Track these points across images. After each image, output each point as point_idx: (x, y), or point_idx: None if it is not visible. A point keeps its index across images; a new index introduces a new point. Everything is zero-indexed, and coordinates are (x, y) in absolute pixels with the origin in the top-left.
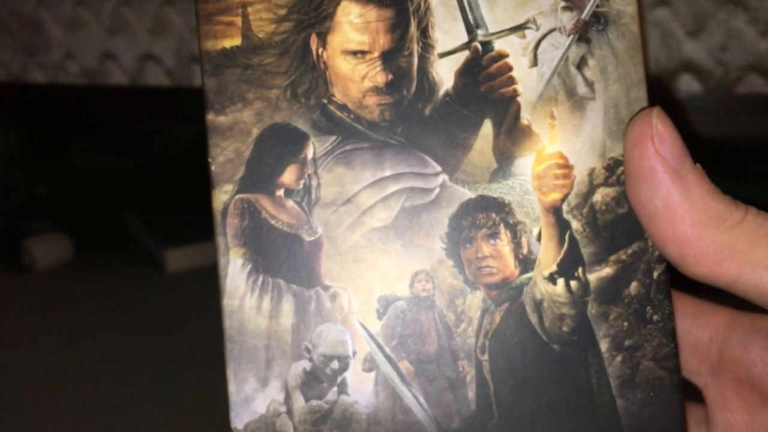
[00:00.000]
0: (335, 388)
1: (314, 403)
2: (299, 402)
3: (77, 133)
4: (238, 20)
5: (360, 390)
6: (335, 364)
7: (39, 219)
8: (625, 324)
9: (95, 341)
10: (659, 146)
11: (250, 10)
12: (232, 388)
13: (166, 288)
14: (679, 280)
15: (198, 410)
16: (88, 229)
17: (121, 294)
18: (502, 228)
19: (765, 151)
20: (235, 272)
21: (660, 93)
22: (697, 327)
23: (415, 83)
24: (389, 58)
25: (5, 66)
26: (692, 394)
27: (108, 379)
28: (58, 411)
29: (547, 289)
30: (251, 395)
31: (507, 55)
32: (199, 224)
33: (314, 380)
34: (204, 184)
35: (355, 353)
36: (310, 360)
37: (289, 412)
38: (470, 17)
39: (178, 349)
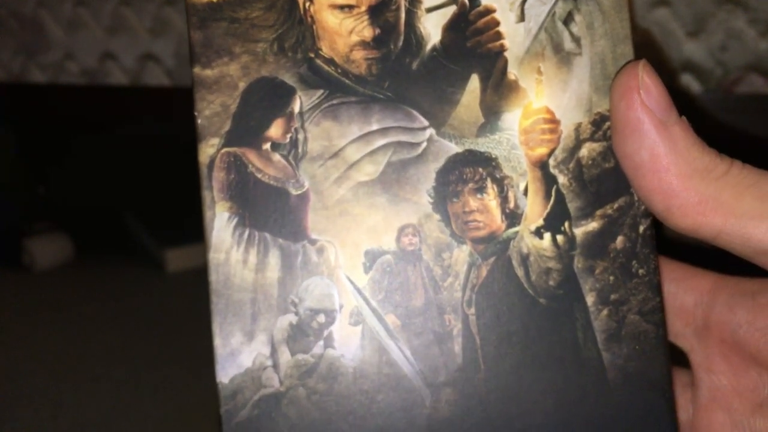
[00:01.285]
0: (321, 342)
1: (300, 356)
2: (285, 356)
3: (77, 133)
4: None
5: (346, 344)
6: (321, 318)
7: (39, 219)
8: (611, 278)
9: (95, 341)
10: (645, 98)
11: None
12: (217, 342)
13: (166, 288)
14: (665, 246)
15: (198, 410)
16: (88, 229)
17: (121, 294)
18: (488, 182)
19: (765, 151)
20: (221, 226)
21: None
22: (682, 291)
23: (402, 38)
24: (376, 12)
25: (5, 66)
26: (678, 358)
27: (108, 379)
28: (58, 411)
29: (534, 243)
30: (237, 349)
31: (494, 10)
32: (199, 224)
33: (300, 334)
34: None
35: (341, 307)
36: (296, 314)
37: (275, 366)
38: None
39: (178, 349)
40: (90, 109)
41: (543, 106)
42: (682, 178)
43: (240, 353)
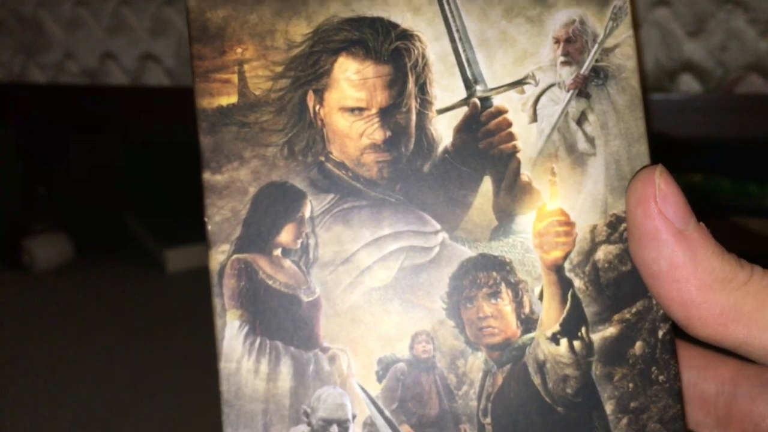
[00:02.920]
0: None
1: None
2: None
3: (77, 133)
4: (235, 78)
5: None
6: (335, 429)
7: (39, 219)
8: (631, 385)
9: (95, 341)
10: (662, 206)
11: (246, 67)
12: None
13: (166, 288)
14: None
15: (197, 410)
16: (88, 229)
17: (121, 294)
18: (503, 287)
19: (765, 151)
20: (232, 334)
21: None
22: (703, 379)
23: (413, 140)
24: (387, 114)
25: (5, 66)
26: None
27: (108, 379)
28: (58, 411)
29: (550, 349)
30: None
31: (506, 111)
32: (198, 225)
33: None
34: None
35: (354, 417)
36: (309, 424)
37: None
38: (469, 73)
39: (178, 349)
40: (90, 109)
41: (557, 208)
42: (702, 289)
43: None
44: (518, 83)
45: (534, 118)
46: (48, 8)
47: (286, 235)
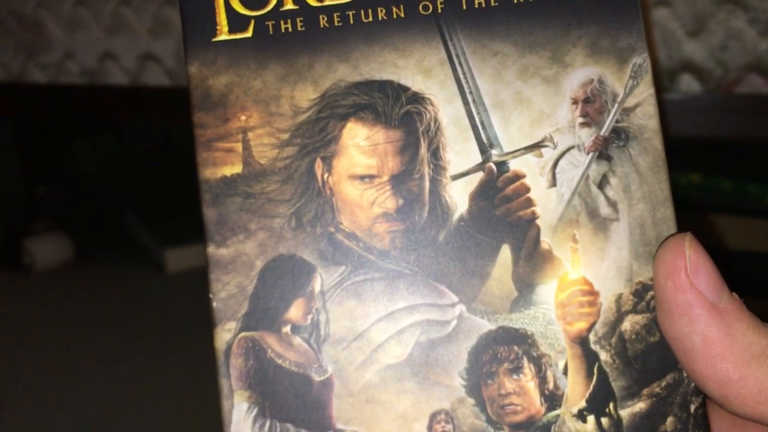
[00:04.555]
0: None
1: None
2: None
3: (77, 133)
4: (239, 146)
5: None
6: None
7: (39, 219)
8: None
9: (95, 341)
10: (694, 278)
11: (250, 135)
12: None
13: (166, 288)
14: None
15: (197, 410)
16: (88, 229)
17: (121, 294)
18: (525, 361)
19: (765, 151)
20: (240, 417)
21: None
22: None
23: (427, 208)
24: (399, 181)
25: (5, 66)
26: None
27: (108, 379)
28: (58, 411)
29: (577, 427)
30: None
31: (524, 176)
32: (198, 225)
33: None
34: None
35: None
36: None
37: None
38: (483, 136)
39: (178, 349)
40: (90, 109)
41: (580, 277)
42: (739, 366)
43: None
44: (535, 146)
45: (553, 183)
46: (48, 8)
47: (295, 311)
